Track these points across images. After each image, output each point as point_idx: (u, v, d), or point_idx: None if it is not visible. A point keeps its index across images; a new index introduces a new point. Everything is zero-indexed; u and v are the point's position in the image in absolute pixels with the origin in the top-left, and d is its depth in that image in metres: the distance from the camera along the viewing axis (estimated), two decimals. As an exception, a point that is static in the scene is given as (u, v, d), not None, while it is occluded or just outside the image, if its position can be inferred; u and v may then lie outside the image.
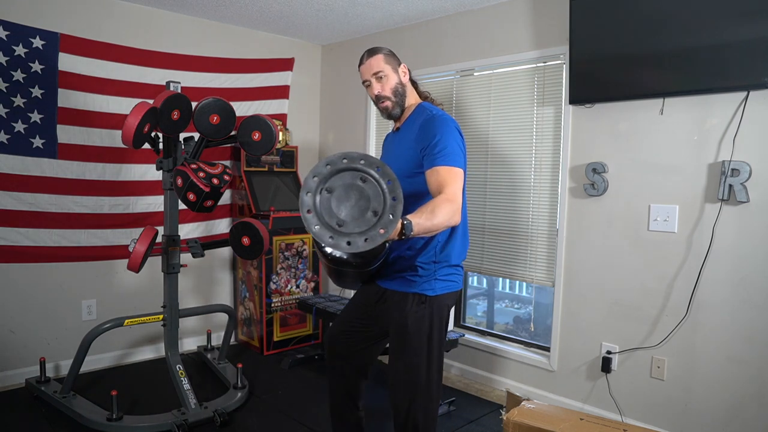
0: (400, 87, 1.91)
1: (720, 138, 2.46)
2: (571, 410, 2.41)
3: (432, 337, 1.82)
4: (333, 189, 1.35)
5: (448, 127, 1.77)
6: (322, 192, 1.35)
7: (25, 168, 3.10)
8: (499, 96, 3.32)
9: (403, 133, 1.93)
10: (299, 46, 4.34)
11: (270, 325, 3.81)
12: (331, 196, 1.35)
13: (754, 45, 2.25)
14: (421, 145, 1.77)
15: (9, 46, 2.99)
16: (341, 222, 1.34)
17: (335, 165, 1.36)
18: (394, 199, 1.34)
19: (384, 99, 1.90)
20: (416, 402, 1.81)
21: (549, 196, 3.11)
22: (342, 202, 1.35)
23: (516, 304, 4.18)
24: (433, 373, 1.83)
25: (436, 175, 1.69)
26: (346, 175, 1.36)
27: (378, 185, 1.35)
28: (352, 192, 1.35)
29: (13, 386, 3.13)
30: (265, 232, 2.88)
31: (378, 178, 1.36)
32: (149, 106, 2.47)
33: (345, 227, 1.33)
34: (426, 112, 1.85)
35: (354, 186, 1.35)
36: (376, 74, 1.89)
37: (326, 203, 1.34)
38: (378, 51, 1.92)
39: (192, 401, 2.75)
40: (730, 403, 2.46)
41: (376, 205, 1.34)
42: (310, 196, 1.34)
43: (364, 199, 1.35)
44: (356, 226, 1.33)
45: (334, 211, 1.34)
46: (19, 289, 3.18)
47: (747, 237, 2.40)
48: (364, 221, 1.34)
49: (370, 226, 1.33)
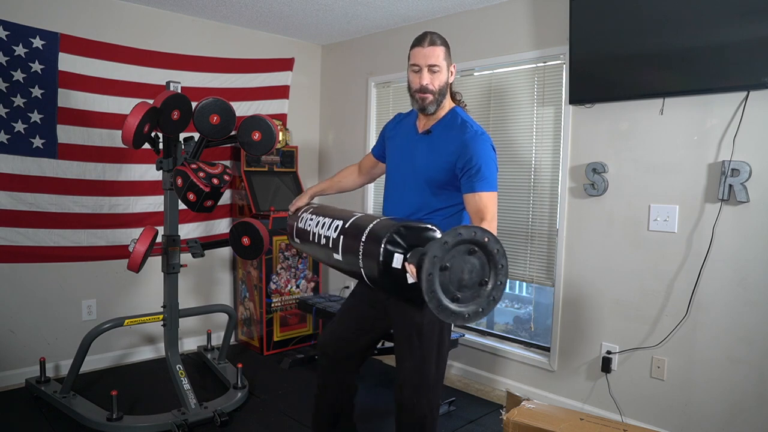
0: (445, 87, 1.90)
1: (720, 138, 2.46)
2: (571, 410, 2.41)
3: (443, 338, 1.88)
4: (449, 266, 1.42)
5: (488, 147, 1.82)
6: (441, 270, 1.41)
7: (25, 168, 3.10)
8: (499, 96, 3.32)
9: (436, 139, 1.91)
10: (299, 46, 4.34)
11: (270, 325, 3.81)
12: (449, 272, 1.42)
13: (754, 45, 2.25)
14: (460, 163, 1.81)
15: (9, 46, 2.99)
16: (457, 297, 1.44)
17: (453, 238, 1.41)
18: (502, 266, 1.44)
19: (428, 92, 1.87)
20: (424, 399, 1.85)
21: (549, 196, 3.11)
22: (457, 276, 1.43)
23: (516, 304, 4.18)
24: (441, 372, 1.90)
25: (477, 201, 1.76)
26: (460, 249, 1.43)
27: (486, 255, 1.44)
28: (465, 265, 1.44)
29: (13, 386, 3.13)
30: (265, 232, 2.88)
31: (488, 247, 1.43)
32: (149, 106, 2.47)
33: (462, 301, 1.44)
34: (466, 127, 1.85)
35: (467, 260, 1.44)
36: (431, 66, 1.85)
37: (445, 280, 1.42)
38: (441, 42, 1.87)
39: (192, 401, 2.74)
40: (730, 403, 2.46)
41: (485, 275, 1.45)
42: (433, 276, 1.40)
43: (475, 272, 1.44)
44: (471, 298, 1.45)
45: (451, 287, 1.43)
46: (19, 289, 3.18)
47: (747, 237, 2.40)
48: (476, 292, 1.45)
49: (482, 296, 1.45)
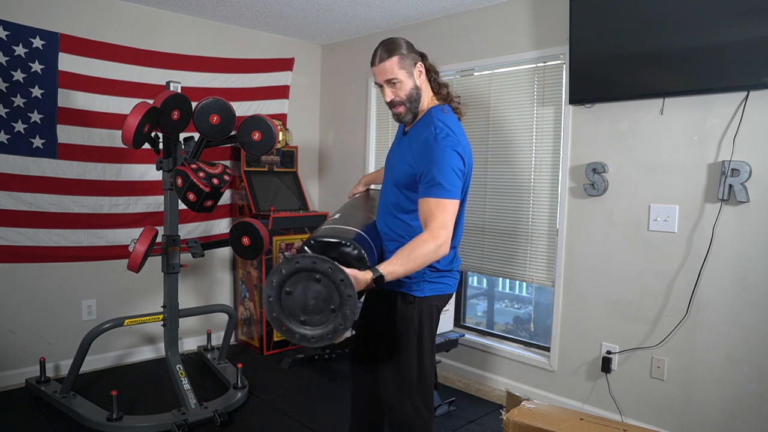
0: (415, 92, 1.78)
1: (720, 138, 2.46)
2: (571, 410, 2.41)
3: (422, 336, 1.81)
4: (292, 291, 1.48)
5: (446, 150, 1.66)
6: (282, 294, 1.48)
7: (25, 168, 3.10)
8: (499, 96, 3.32)
9: (408, 141, 1.83)
10: (299, 46, 4.34)
11: (270, 325, 3.81)
12: (291, 296, 1.48)
13: (754, 45, 2.25)
14: (416, 168, 1.72)
15: (9, 46, 2.99)
16: (304, 320, 1.48)
17: (289, 268, 1.46)
18: (349, 296, 1.43)
19: (397, 104, 1.79)
20: (408, 400, 1.80)
21: (549, 196, 3.11)
22: (302, 302, 1.48)
23: (516, 304, 4.18)
24: (424, 372, 1.82)
25: (425, 207, 1.65)
26: (302, 275, 1.47)
27: (332, 283, 1.45)
28: (309, 291, 1.47)
29: (13, 386, 3.13)
30: (265, 232, 2.88)
31: (332, 277, 1.44)
32: (149, 106, 2.47)
33: (308, 324, 1.48)
34: (430, 129, 1.73)
35: (310, 286, 1.47)
36: (388, 81, 1.76)
37: (288, 304, 1.48)
38: (394, 51, 1.75)
39: (192, 401, 2.75)
40: (730, 403, 2.46)
41: (334, 302, 1.45)
42: (274, 299, 1.48)
43: (321, 298, 1.46)
44: (319, 322, 1.47)
45: (296, 311, 1.48)
46: (19, 289, 3.18)
47: (747, 237, 2.40)
48: (325, 317, 1.47)
49: (330, 321, 1.46)
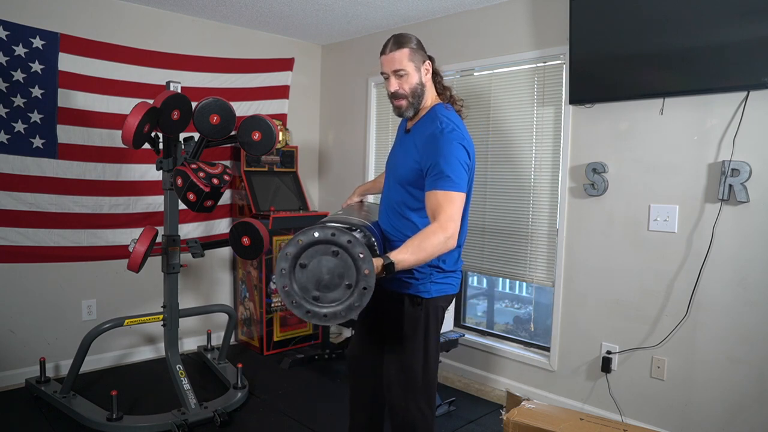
0: (419, 88, 1.79)
1: (720, 138, 2.46)
2: (571, 410, 2.41)
3: (428, 338, 1.82)
4: (307, 264, 1.38)
5: (452, 145, 1.67)
6: (296, 267, 1.38)
7: (25, 168, 3.10)
8: (499, 96, 3.32)
9: (412, 138, 1.83)
10: (299, 46, 4.34)
11: (270, 325, 3.81)
12: (306, 270, 1.38)
13: (754, 45, 2.25)
14: (422, 163, 1.71)
15: (9, 46, 2.99)
16: (317, 296, 1.38)
17: (307, 238, 1.37)
18: (367, 272, 1.35)
19: (400, 97, 1.79)
20: (413, 401, 1.80)
21: (549, 196, 3.11)
22: (316, 276, 1.38)
23: (516, 304, 4.18)
24: (429, 373, 1.83)
25: (432, 199, 1.64)
26: (319, 248, 1.38)
27: (350, 257, 1.36)
28: (324, 265, 1.38)
29: (13, 386, 3.13)
30: (265, 232, 2.88)
31: (350, 250, 1.36)
32: (149, 106, 2.47)
33: (321, 300, 1.39)
34: (435, 124, 1.73)
35: (326, 259, 1.38)
36: (396, 71, 1.76)
37: (302, 278, 1.38)
38: (405, 44, 1.76)
39: (192, 401, 2.75)
40: (730, 403, 2.46)
41: (349, 278, 1.37)
42: (287, 271, 1.38)
43: (337, 273, 1.37)
44: (332, 299, 1.38)
45: (309, 285, 1.38)
46: (19, 289, 3.18)
47: (747, 237, 2.40)
48: (339, 293, 1.37)
49: (344, 298, 1.37)
